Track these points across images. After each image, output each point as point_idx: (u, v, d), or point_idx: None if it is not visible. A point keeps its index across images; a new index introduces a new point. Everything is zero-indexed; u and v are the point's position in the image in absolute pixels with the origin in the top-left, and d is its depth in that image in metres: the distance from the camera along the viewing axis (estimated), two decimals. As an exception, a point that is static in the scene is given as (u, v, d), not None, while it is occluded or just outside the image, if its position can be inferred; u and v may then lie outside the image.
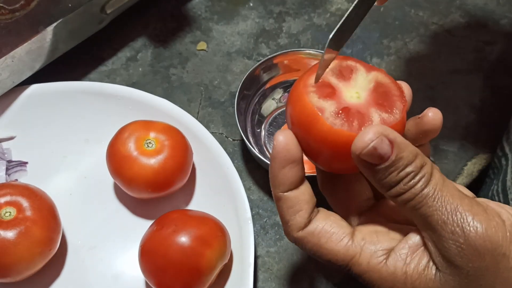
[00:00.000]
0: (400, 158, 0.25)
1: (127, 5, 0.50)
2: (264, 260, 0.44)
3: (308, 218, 0.28)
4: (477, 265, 0.25)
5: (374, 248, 0.27)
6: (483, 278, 0.25)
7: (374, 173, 0.26)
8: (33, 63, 0.45)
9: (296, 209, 0.28)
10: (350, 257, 0.27)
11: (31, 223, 0.38)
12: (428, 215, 0.25)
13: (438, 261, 0.26)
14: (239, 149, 0.48)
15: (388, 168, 0.25)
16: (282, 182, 0.28)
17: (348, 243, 0.28)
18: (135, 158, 0.40)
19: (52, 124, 0.46)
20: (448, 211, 0.25)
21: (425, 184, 0.25)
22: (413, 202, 0.25)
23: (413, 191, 0.25)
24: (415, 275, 0.26)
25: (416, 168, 0.25)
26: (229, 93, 0.51)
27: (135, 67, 0.52)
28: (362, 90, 0.29)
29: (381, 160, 0.25)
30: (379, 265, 0.27)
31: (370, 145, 0.25)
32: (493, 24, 0.55)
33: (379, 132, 0.25)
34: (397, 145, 0.25)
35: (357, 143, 0.25)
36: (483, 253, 0.24)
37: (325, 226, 0.28)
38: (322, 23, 0.55)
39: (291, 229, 0.28)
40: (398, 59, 0.53)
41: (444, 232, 0.25)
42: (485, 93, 0.51)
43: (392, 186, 0.26)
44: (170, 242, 0.37)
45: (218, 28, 0.55)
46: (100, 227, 0.44)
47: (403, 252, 0.27)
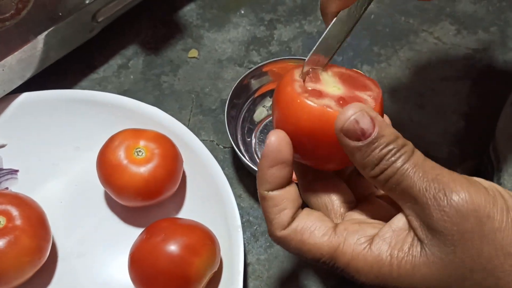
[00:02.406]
0: (382, 136, 0.26)
1: (118, 13, 0.51)
2: (255, 267, 0.44)
3: (292, 217, 0.28)
4: (462, 227, 0.24)
5: (357, 235, 0.27)
6: (469, 242, 0.24)
7: (356, 151, 0.26)
8: (24, 71, 0.45)
9: (280, 208, 0.28)
10: (333, 249, 0.27)
11: (21, 232, 0.38)
12: (409, 187, 0.25)
13: (422, 234, 0.26)
14: (230, 156, 0.49)
15: (370, 144, 0.26)
16: (270, 181, 0.28)
17: (331, 236, 0.27)
18: (125, 167, 0.40)
19: (43, 132, 0.46)
20: (429, 179, 0.25)
21: (406, 159, 0.26)
22: (395, 177, 0.26)
23: (395, 166, 0.26)
24: (400, 256, 0.26)
25: (398, 146, 0.26)
26: (220, 100, 0.51)
27: (126, 74, 0.52)
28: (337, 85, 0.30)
29: (363, 136, 0.26)
30: (363, 251, 0.27)
31: (352, 117, 0.25)
32: (482, 31, 0.55)
33: (360, 108, 0.26)
34: (378, 123, 0.26)
35: (339, 117, 0.26)
36: (467, 215, 0.24)
37: (307, 222, 0.28)
38: (313, 31, 0.56)
39: (275, 228, 0.28)
40: (389, 67, 0.54)
41: (426, 199, 0.25)
42: (474, 100, 0.51)
43: (376, 164, 0.26)
44: (159, 250, 0.37)
45: (209, 36, 0.55)
46: (90, 234, 0.44)
47: (388, 236, 0.27)
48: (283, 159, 0.28)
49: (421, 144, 0.51)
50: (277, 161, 0.28)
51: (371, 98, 0.29)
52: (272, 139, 0.28)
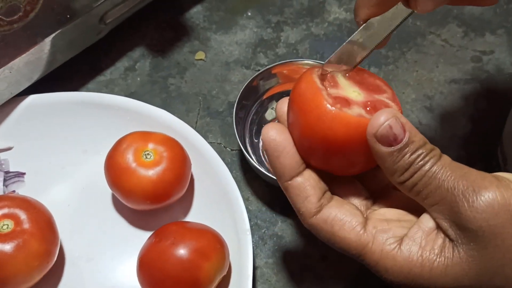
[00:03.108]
0: (412, 141, 0.26)
1: (125, 16, 0.50)
2: (263, 271, 0.43)
3: (318, 203, 0.28)
4: (492, 222, 0.24)
5: (386, 235, 0.27)
6: (499, 237, 0.24)
7: (387, 156, 0.26)
8: (31, 74, 0.45)
9: (303, 196, 0.29)
10: (362, 246, 0.27)
11: (29, 236, 0.37)
12: (438, 187, 0.26)
13: (453, 234, 0.26)
14: (237, 159, 0.48)
15: (401, 149, 0.26)
16: (282, 172, 0.29)
17: (360, 232, 0.28)
18: (133, 170, 0.40)
19: (50, 134, 0.46)
20: (458, 177, 0.26)
21: (434, 162, 0.26)
22: (423, 180, 0.26)
23: (423, 169, 0.26)
24: (432, 257, 0.26)
25: (427, 150, 0.26)
26: (228, 102, 0.51)
27: (133, 77, 0.52)
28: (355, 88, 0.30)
29: (395, 141, 0.26)
30: (392, 251, 0.27)
31: (386, 123, 0.26)
32: (490, 34, 0.55)
33: (393, 114, 0.26)
34: (409, 128, 0.27)
35: (373, 122, 0.26)
36: (497, 210, 0.24)
37: (338, 214, 0.28)
38: (320, 33, 0.55)
39: (304, 216, 0.29)
40: (396, 69, 0.53)
41: (455, 196, 0.25)
42: (482, 103, 0.51)
43: (406, 169, 0.26)
44: (168, 254, 0.37)
45: (216, 38, 0.55)
46: (98, 238, 0.43)
47: (417, 236, 0.27)
48: (282, 146, 0.29)
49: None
50: (277, 150, 0.29)
51: (391, 101, 0.29)
52: (266, 134, 0.29)
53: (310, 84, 0.28)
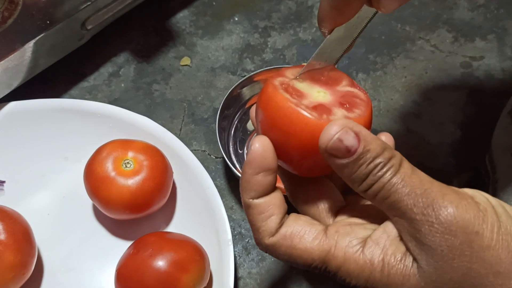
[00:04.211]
0: (367, 151, 0.25)
1: (109, 21, 0.50)
2: (246, 281, 0.43)
3: (280, 223, 0.28)
4: (450, 243, 0.24)
5: (349, 238, 0.27)
6: (457, 258, 0.24)
7: (343, 168, 0.26)
8: (11, 80, 0.44)
9: (267, 215, 0.28)
10: (325, 252, 0.26)
11: (4, 247, 0.37)
12: (398, 201, 0.25)
13: (413, 248, 0.25)
14: (222, 166, 0.48)
15: (356, 161, 0.25)
16: (255, 189, 0.28)
17: (321, 239, 0.27)
18: (112, 179, 0.39)
19: (30, 142, 0.46)
20: (418, 194, 0.25)
21: (393, 173, 0.25)
22: (383, 192, 0.25)
23: (382, 181, 0.25)
24: (392, 263, 0.25)
25: (385, 159, 0.25)
26: (213, 109, 0.50)
27: (117, 83, 0.52)
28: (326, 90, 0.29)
29: (349, 153, 0.25)
30: (355, 254, 0.26)
31: (335, 136, 0.25)
32: (480, 39, 0.54)
33: (343, 124, 0.25)
34: (363, 137, 0.25)
35: (323, 136, 0.25)
36: (455, 231, 0.24)
37: (296, 227, 0.27)
38: (308, 38, 0.55)
39: (262, 236, 0.28)
40: (384, 75, 0.53)
41: (415, 214, 0.24)
42: (471, 110, 0.50)
43: (363, 180, 0.25)
44: (146, 266, 0.36)
45: (202, 43, 0.54)
46: (78, 248, 0.43)
47: (381, 240, 0.26)
48: (268, 166, 0.27)
49: (417, 155, 0.50)
50: (262, 168, 0.27)
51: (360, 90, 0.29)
52: (256, 146, 0.27)
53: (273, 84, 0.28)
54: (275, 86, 0.28)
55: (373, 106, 0.50)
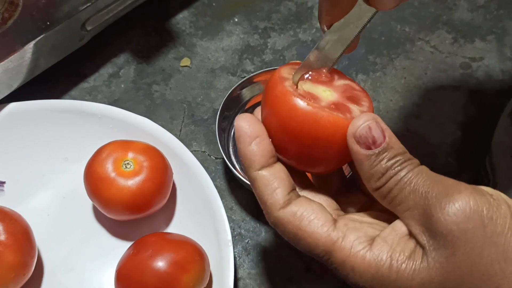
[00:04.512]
0: (391, 148, 0.26)
1: (109, 22, 0.50)
2: (246, 282, 0.43)
3: (287, 196, 0.28)
4: (463, 226, 0.24)
5: (358, 234, 0.27)
6: (470, 242, 0.24)
7: (365, 160, 0.26)
8: (11, 81, 0.44)
9: (272, 187, 0.28)
10: (331, 242, 0.27)
11: (4, 247, 0.37)
12: (412, 192, 0.26)
13: (423, 240, 0.25)
14: (221, 167, 0.48)
15: (379, 154, 0.26)
16: (253, 159, 0.28)
17: (329, 229, 0.27)
18: (112, 180, 0.39)
19: (30, 142, 0.46)
20: (433, 182, 0.25)
21: (411, 168, 0.26)
22: (398, 185, 0.26)
23: (399, 174, 0.26)
24: (401, 259, 0.25)
25: (405, 158, 0.26)
26: (213, 110, 0.50)
27: (117, 83, 0.52)
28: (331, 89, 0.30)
29: (374, 144, 0.26)
30: (363, 250, 0.26)
31: (365, 123, 0.26)
32: (479, 40, 0.54)
33: (373, 117, 0.27)
34: (389, 134, 0.27)
35: (353, 123, 0.27)
36: (469, 215, 0.24)
37: (307, 209, 0.27)
38: (308, 39, 0.55)
39: (271, 209, 0.28)
40: (384, 76, 0.53)
41: (428, 200, 0.25)
42: (471, 110, 0.51)
43: (382, 174, 0.26)
44: (146, 266, 0.36)
45: (202, 44, 0.54)
46: (78, 248, 0.43)
47: (390, 238, 0.26)
48: (256, 133, 0.28)
49: (417, 155, 0.50)
50: (251, 137, 0.28)
51: (366, 107, 0.30)
52: (238, 122, 0.28)
53: (278, 77, 0.28)
54: (289, 92, 0.27)
55: (373, 107, 0.50)
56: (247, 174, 0.29)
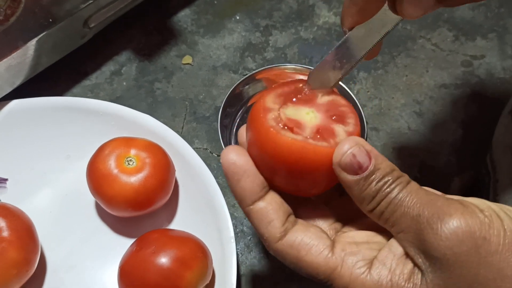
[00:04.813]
0: (378, 169, 0.26)
1: (110, 19, 0.50)
2: (248, 278, 0.43)
3: (283, 227, 0.28)
4: (457, 250, 0.24)
5: (356, 258, 0.27)
6: (465, 265, 0.24)
7: (354, 185, 0.26)
8: (13, 79, 0.44)
9: (267, 221, 0.28)
10: (331, 270, 0.27)
11: (7, 244, 0.37)
12: (404, 214, 0.25)
13: (420, 261, 0.25)
14: (223, 165, 0.48)
15: (367, 178, 0.26)
16: (243, 196, 0.28)
17: (328, 255, 0.27)
18: (115, 176, 0.40)
19: (32, 140, 0.46)
20: (423, 204, 0.25)
21: (401, 189, 0.26)
22: (390, 208, 0.26)
23: (390, 196, 0.26)
24: (401, 283, 0.25)
25: (393, 177, 0.26)
26: (214, 107, 0.50)
27: (119, 81, 0.52)
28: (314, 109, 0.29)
29: (360, 169, 0.26)
30: (362, 275, 0.26)
31: (349, 151, 0.26)
32: (481, 38, 0.55)
33: (356, 142, 0.26)
34: (374, 156, 0.26)
35: (337, 152, 0.26)
36: (462, 237, 0.24)
37: (304, 238, 0.27)
38: (309, 37, 0.55)
39: (269, 242, 0.28)
40: (385, 73, 0.53)
41: (420, 224, 0.25)
42: (472, 108, 0.51)
43: (373, 197, 0.26)
44: (149, 263, 0.36)
45: (204, 42, 0.54)
46: (81, 245, 0.43)
47: (388, 260, 0.26)
48: (243, 169, 0.28)
49: (419, 153, 0.50)
50: (238, 173, 0.28)
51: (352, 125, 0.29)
52: (225, 158, 0.28)
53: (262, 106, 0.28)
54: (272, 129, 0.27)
55: (374, 104, 0.51)
56: (242, 209, 0.29)
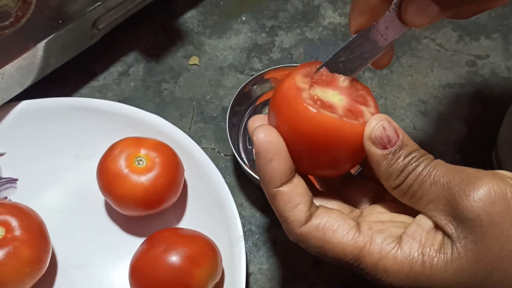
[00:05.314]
0: (406, 145, 0.27)
1: (118, 21, 0.50)
2: (257, 277, 0.43)
3: (308, 211, 0.27)
4: (490, 210, 0.24)
5: (384, 235, 0.27)
6: (498, 226, 0.24)
7: (382, 160, 0.27)
8: (23, 79, 0.45)
9: (294, 204, 0.27)
10: (359, 248, 0.26)
11: (20, 243, 0.37)
12: (433, 184, 0.26)
13: (451, 229, 0.25)
14: (231, 164, 0.48)
15: (396, 152, 0.27)
16: (273, 177, 0.27)
17: (355, 235, 0.27)
18: (125, 176, 0.40)
19: (42, 140, 0.46)
20: (453, 172, 0.26)
21: (428, 162, 0.27)
22: (418, 180, 0.26)
23: (418, 169, 0.26)
24: (432, 254, 0.26)
25: (420, 153, 0.27)
26: (222, 108, 0.51)
27: (127, 82, 0.52)
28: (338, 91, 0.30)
29: (389, 143, 0.27)
30: (392, 250, 0.26)
31: (379, 124, 0.27)
32: (485, 37, 0.55)
33: (386, 117, 0.28)
34: (401, 132, 0.27)
35: (368, 125, 0.27)
36: (494, 198, 0.24)
37: (329, 220, 0.27)
38: (315, 37, 0.55)
39: (293, 226, 0.27)
40: (391, 73, 0.53)
41: (451, 189, 0.25)
42: (477, 107, 0.51)
43: (401, 171, 0.27)
44: (160, 261, 0.37)
45: (210, 43, 0.55)
46: (91, 244, 0.43)
47: (417, 234, 0.26)
48: (277, 149, 0.27)
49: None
50: (272, 153, 0.27)
51: (373, 107, 0.30)
52: (259, 136, 0.27)
53: (292, 84, 0.28)
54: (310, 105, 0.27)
55: (379, 104, 0.51)
56: (265, 190, 0.28)
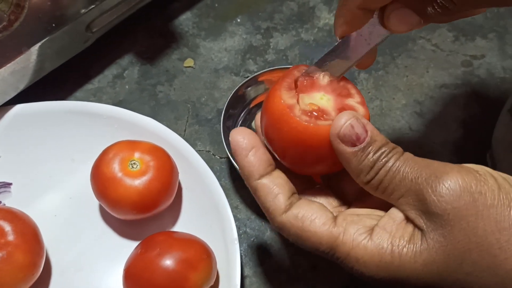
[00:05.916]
0: (375, 141, 0.27)
1: (113, 23, 0.50)
2: (252, 280, 0.43)
3: (288, 201, 0.29)
4: (456, 204, 0.25)
5: (357, 226, 0.28)
6: (465, 219, 0.25)
7: (352, 156, 0.27)
8: (18, 83, 0.45)
9: (273, 194, 0.29)
10: (334, 238, 0.28)
11: (14, 248, 0.37)
12: (403, 179, 0.27)
13: (421, 223, 0.26)
14: (226, 167, 0.48)
15: (365, 148, 0.27)
16: (251, 170, 0.29)
17: (330, 226, 0.28)
18: (119, 180, 0.40)
19: (37, 144, 0.46)
20: (421, 167, 0.26)
21: (398, 157, 0.27)
22: (388, 175, 0.27)
23: (387, 165, 0.27)
24: (401, 244, 0.26)
25: (389, 148, 0.27)
26: (217, 110, 0.51)
27: (121, 84, 0.52)
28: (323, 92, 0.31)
29: (358, 140, 0.27)
30: (363, 241, 0.27)
31: (347, 122, 0.27)
32: (480, 38, 0.55)
33: (353, 114, 0.28)
34: (370, 128, 0.28)
35: (335, 123, 0.28)
36: (459, 193, 0.25)
37: (308, 211, 0.29)
38: (310, 39, 0.55)
39: (274, 215, 0.29)
40: (386, 74, 0.53)
41: (419, 184, 0.26)
42: (473, 108, 0.51)
43: (371, 167, 0.27)
44: (155, 265, 0.36)
45: (205, 45, 0.55)
46: (86, 249, 0.43)
47: (388, 226, 0.27)
48: (251, 144, 0.29)
49: (420, 153, 0.50)
50: (246, 148, 0.29)
51: (360, 105, 0.30)
52: (233, 137, 0.30)
53: (278, 96, 0.29)
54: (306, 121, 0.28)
55: (375, 105, 0.51)
56: (248, 184, 0.30)
